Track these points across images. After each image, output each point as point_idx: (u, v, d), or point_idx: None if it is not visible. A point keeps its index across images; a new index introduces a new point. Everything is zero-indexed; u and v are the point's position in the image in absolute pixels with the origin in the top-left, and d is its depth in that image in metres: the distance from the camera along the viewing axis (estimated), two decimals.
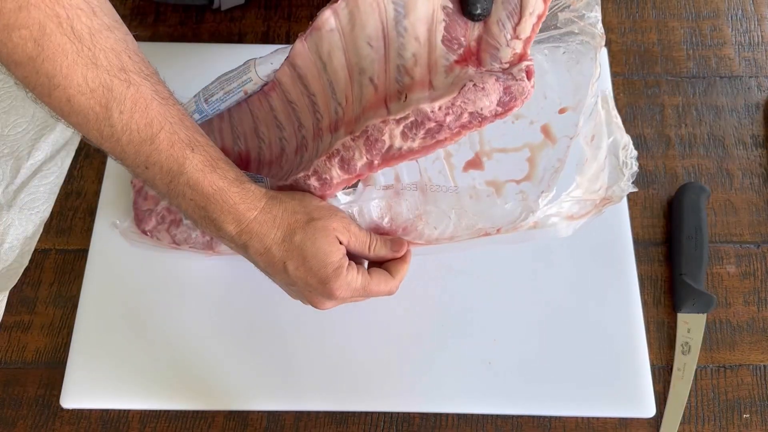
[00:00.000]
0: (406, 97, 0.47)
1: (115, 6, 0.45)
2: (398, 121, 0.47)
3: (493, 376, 0.59)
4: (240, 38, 0.76)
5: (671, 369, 0.61)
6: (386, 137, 0.47)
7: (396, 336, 0.60)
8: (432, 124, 0.46)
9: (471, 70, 0.47)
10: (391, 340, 0.60)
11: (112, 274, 0.63)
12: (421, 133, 0.47)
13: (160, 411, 0.59)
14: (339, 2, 0.48)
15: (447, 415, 0.59)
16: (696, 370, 0.61)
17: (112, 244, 0.64)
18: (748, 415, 0.59)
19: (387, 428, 0.59)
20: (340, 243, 0.50)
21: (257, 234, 0.48)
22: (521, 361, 0.59)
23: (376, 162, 0.49)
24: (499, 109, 0.46)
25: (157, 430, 0.59)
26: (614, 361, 0.59)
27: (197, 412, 0.59)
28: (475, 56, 0.47)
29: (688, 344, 0.61)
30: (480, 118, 0.46)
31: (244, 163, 0.59)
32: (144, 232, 0.62)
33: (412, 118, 0.47)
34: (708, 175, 0.69)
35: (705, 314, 0.62)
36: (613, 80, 0.72)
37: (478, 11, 0.46)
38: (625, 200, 0.66)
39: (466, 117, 0.46)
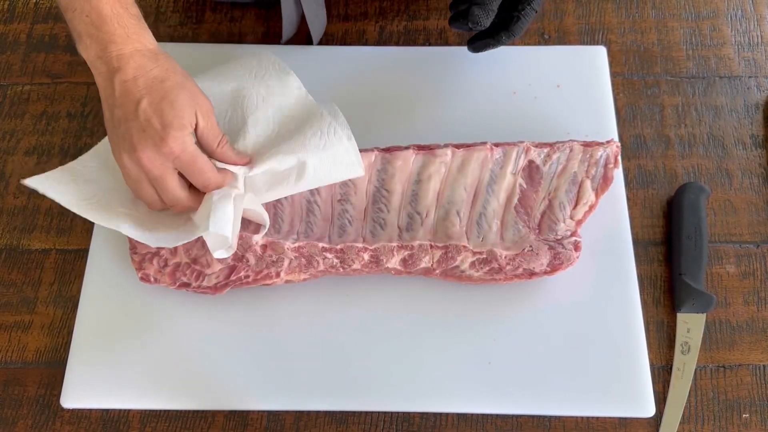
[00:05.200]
0: (483, 239, 0.61)
1: None
2: (474, 253, 0.60)
3: (493, 376, 0.59)
4: (240, 38, 0.76)
5: (671, 369, 0.61)
6: (460, 259, 0.60)
7: (396, 336, 0.60)
8: (495, 265, 0.59)
9: (533, 236, 0.61)
10: (392, 340, 0.60)
11: (112, 274, 0.63)
12: (486, 269, 0.60)
13: (160, 411, 0.59)
14: (460, 149, 0.63)
15: (447, 414, 0.59)
16: (695, 369, 0.61)
17: (112, 244, 0.64)
18: (747, 415, 0.59)
19: (387, 428, 0.59)
20: (196, 122, 0.54)
21: (136, 63, 0.52)
22: (521, 361, 0.59)
23: (437, 271, 0.60)
24: (548, 269, 0.59)
25: (157, 430, 0.59)
26: (614, 360, 0.59)
27: (197, 412, 0.59)
28: (537, 226, 0.61)
29: (688, 344, 0.61)
30: (530, 273, 0.60)
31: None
32: (145, 278, 0.60)
33: (485, 255, 0.60)
34: (707, 175, 0.69)
35: (704, 314, 0.62)
36: (613, 80, 0.72)
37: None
38: (624, 200, 0.66)
39: (520, 270, 0.59)
